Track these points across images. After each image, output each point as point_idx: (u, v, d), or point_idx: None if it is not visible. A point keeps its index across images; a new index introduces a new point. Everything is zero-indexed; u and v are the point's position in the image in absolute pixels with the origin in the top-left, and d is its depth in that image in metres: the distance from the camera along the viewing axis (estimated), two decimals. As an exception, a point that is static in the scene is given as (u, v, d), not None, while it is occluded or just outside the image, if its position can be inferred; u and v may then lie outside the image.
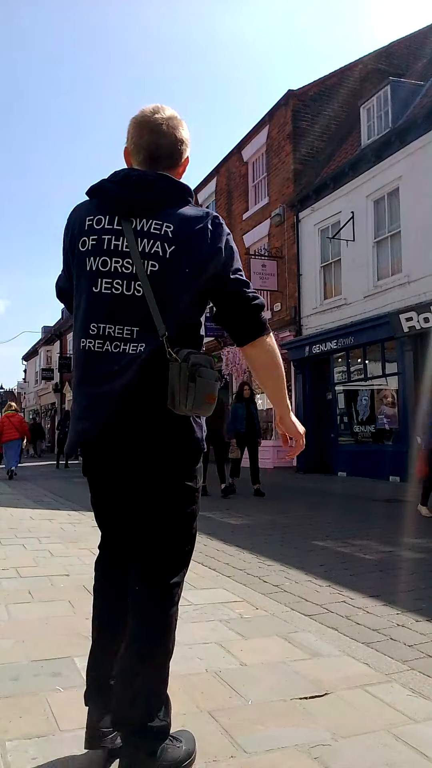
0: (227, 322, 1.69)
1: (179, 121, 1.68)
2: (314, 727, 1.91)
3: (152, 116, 1.65)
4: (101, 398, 1.57)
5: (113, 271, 1.57)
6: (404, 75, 15.19)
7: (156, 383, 1.53)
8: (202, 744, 1.79)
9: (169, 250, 1.55)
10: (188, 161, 1.72)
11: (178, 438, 1.60)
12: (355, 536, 5.66)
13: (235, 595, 3.50)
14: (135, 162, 1.69)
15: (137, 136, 1.66)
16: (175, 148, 1.67)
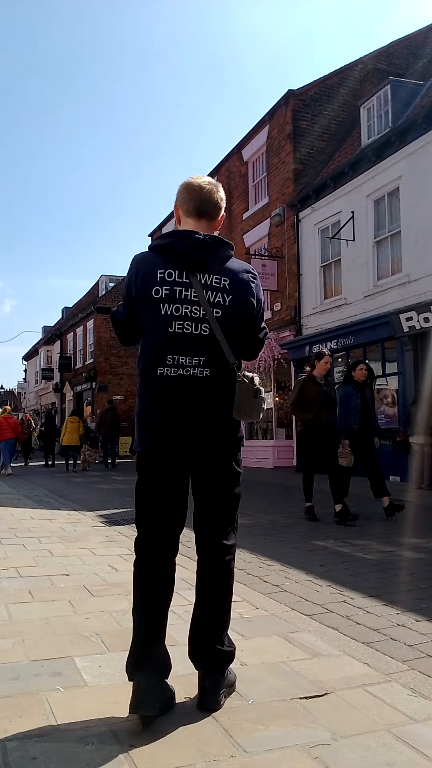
0: (243, 353, 2.19)
1: (217, 186, 2.18)
2: (314, 727, 1.91)
3: (200, 183, 2.16)
4: (174, 412, 2.06)
5: (185, 316, 2.02)
6: (404, 75, 15.19)
7: (221, 398, 2.05)
8: (202, 744, 1.79)
9: (228, 299, 2.06)
10: (224, 216, 2.25)
11: (232, 435, 2.13)
12: (355, 536, 5.66)
13: (235, 594, 3.48)
14: (184, 215, 2.18)
15: (188, 197, 2.15)
16: (216, 208, 2.18)
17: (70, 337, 34.31)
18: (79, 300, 39.82)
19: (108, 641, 2.62)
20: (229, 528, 2.18)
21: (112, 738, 1.83)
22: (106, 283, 31.88)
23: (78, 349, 32.41)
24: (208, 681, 2.04)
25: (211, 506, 2.14)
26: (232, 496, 2.16)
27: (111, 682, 2.25)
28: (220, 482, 2.13)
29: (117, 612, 3.04)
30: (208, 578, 2.17)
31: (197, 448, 2.07)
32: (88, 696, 2.13)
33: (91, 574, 3.99)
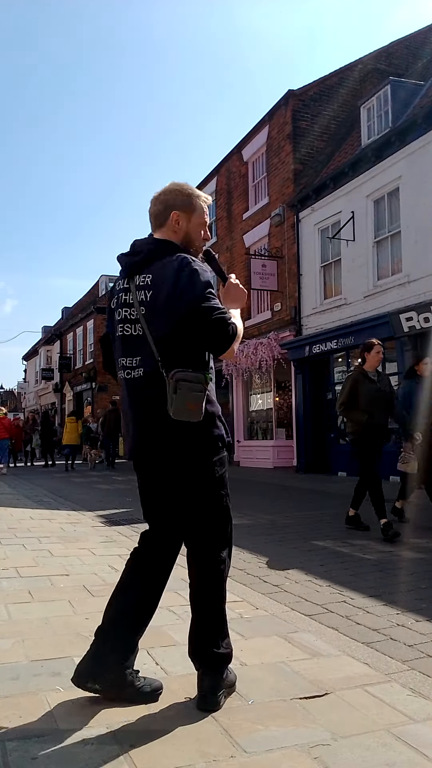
0: (205, 343, 2.07)
1: (169, 190, 2.21)
2: (314, 727, 1.91)
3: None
4: (128, 416, 2.16)
5: (125, 319, 2.12)
6: (404, 75, 15.19)
7: (156, 398, 2.02)
8: (202, 744, 1.79)
9: (149, 295, 2.06)
10: (177, 216, 2.18)
11: (184, 437, 2.03)
12: (355, 536, 5.66)
13: (235, 595, 3.50)
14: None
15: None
16: (155, 217, 2.22)
17: (70, 337, 34.31)
18: (79, 300, 39.83)
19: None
20: (213, 537, 2.21)
21: (112, 738, 1.83)
22: (106, 283, 31.87)
23: (78, 349, 32.43)
24: (207, 681, 2.07)
25: (191, 514, 2.18)
26: (209, 503, 2.17)
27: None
28: (191, 488, 2.13)
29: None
30: (194, 587, 2.21)
31: (145, 452, 2.12)
32: (88, 696, 2.13)
33: (90, 574, 3.99)
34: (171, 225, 2.19)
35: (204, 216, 2.25)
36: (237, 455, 18.19)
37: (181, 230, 2.19)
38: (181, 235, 2.19)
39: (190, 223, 2.21)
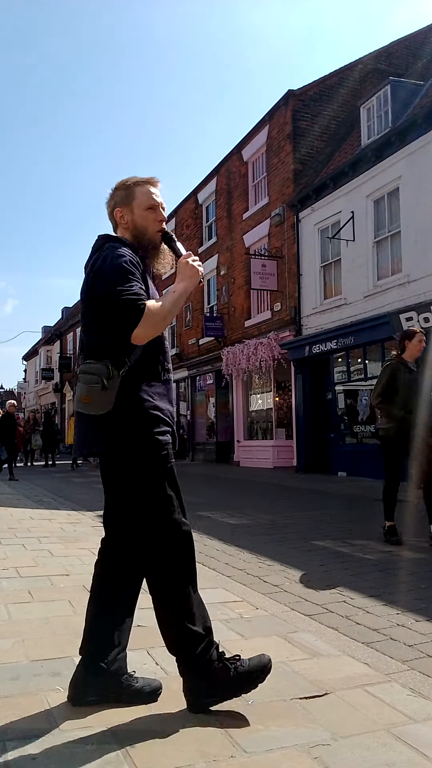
0: (117, 328, 1.93)
1: (112, 190, 2.18)
2: (314, 727, 1.91)
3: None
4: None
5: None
6: (404, 75, 15.19)
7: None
8: (202, 744, 1.79)
9: (82, 288, 2.10)
10: (120, 213, 2.14)
11: (113, 434, 1.97)
12: (355, 536, 5.65)
13: (235, 595, 3.50)
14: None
15: None
16: (110, 216, 2.19)
17: (70, 337, 34.31)
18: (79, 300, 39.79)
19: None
20: (147, 556, 2.06)
21: (112, 738, 1.83)
22: (106, 283, 31.83)
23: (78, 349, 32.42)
24: (186, 683, 2.04)
25: (117, 509, 2.12)
26: (137, 502, 2.03)
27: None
28: (115, 482, 2.08)
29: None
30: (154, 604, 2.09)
31: (79, 448, 2.11)
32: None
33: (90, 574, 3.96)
34: (120, 223, 2.16)
35: (149, 199, 2.13)
36: (237, 455, 18.20)
37: (128, 224, 2.14)
38: (131, 229, 2.13)
39: (134, 213, 2.13)
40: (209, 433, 20.67)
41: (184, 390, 22.64)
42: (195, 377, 21.52)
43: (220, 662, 2.01)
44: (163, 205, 2.18)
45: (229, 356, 17.81)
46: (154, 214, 2.13)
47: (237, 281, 18.47)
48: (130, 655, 2.06)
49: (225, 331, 19.08)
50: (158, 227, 2.13)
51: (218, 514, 7.32)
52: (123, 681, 2.05)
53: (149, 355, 2.04)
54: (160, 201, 2.16)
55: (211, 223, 21.11)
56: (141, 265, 2.04)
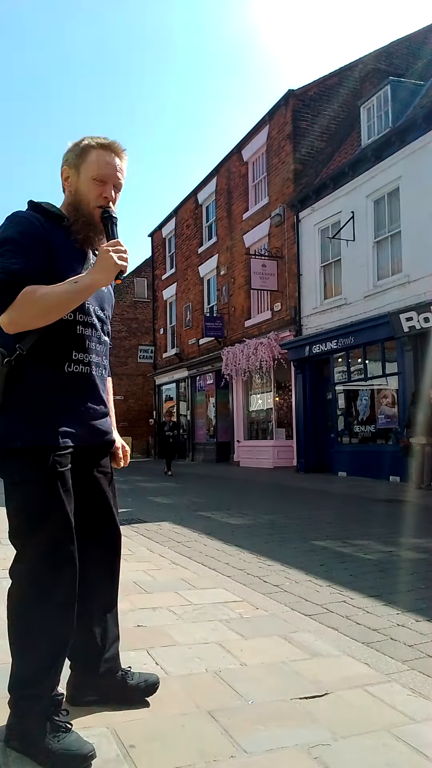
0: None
1: (71, 144, 1.91)
2: (314, 727, 1.91)
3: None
4: None
5: None
6: (404, 75, 15.19)
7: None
8: (202, 744, 1.79)
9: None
10: (66, 173, 1.89)
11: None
12: (355, 536, 5.66)
13: (235, 595, 3.50)
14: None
15: None
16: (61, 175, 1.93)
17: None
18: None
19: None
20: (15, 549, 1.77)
21: (112, 738, 1.83)
22: (106, 283, 31.84)
23: None
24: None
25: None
26: (8, 510, 1.76)
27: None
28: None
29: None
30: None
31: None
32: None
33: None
34: (63, 184, 1.91)
35: (100, 168, 1.84)
36: (237, 455, 18.20)
37: (71, 187, 1.87)
38: (73, 193, 1.87)
39: (80, 177, 1.86)
40: (209, 433, 20.68)
41: (184, 390, 22.66)
42: (195, 377, 21.53)
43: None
44: (117, 181, 1.88)
45: (229, 356, 17.81)
46: (101, 188, 1.85)
47: (237, 281, 18.48)
48: (130, 655, 2.06)
49: (225, 331, 19.08)
50: (100, 202, 1.85)
51: (218, 514, 7.32)
52: (118, 678, 2.00)
53: (51, 339, 1.75)
54: (114, 174, 1.87)
55: (211, 223, 21.11)
56: (55, 237, 1.77)
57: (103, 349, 1.92)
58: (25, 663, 1.72)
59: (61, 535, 1.72)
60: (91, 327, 1.85)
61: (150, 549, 4.88)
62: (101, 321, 1.91)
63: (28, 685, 1.72)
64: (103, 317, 1.93)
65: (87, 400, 1.84)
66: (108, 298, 2.00)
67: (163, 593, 3.49)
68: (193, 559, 4.57)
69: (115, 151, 1.87)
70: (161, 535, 5.68)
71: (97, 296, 1.89)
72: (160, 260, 25.66)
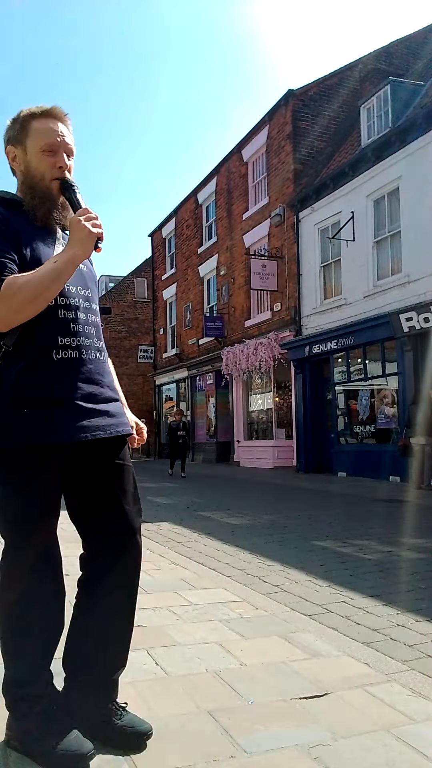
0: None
1: (9, 121, 1.78)
2: (314, 727, 1.91)
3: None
4: None
5: None
6: (404, 75, 15.20)
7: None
8: (202, 744, 1.79)
9: None
10: (12, 152, 1.77)
11: None
12: (355, 536, 5.65)
13: (235, 595, 3.50)
14: None
15: None
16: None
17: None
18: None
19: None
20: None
21: (112, 738, 1.83)
22: (106, 283, 31.90)
23: None
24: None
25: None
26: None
27: (111, 682, 2.24)
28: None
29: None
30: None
31: None
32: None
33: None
34: (11, 165, 1.78)
35: (47, 137, 1.72)
36: (237, 455, 18.20)
37: (20, 165, 1.76)
38: (24, 172, 1.75)
39: (27, 152, 1.73)
40: (209, 433, 20.68)
41: (184, 390, 22.66)
42: (195, 377, 21.53)
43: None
44: (67, 147, 1.76)
45: (229, 356, 17.81)
46: (53, 158, 1.72)
47: (237, 281, 18.48)
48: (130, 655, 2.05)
49: (225, 331, 19.09)
50: (56, 174, 1.72)
51: (218, 514, 7.32)
52: (105, 710, 1.79)
53: (34, 329, 1.65)
54: (62, 140, 1.74)
55: (211, 223, 21.11)
56: (17, 224, 1.68)
57: (93, 330, 1.78)
58: (15, 663, 1.70)
59: (34, 534, 1.68)
60: (75, 309, 1.73)
61: (150, 549, 4.87)
62: (87, 300, 1.79)
63: (24, 685, 1.71)
64: (89, 296, 1.80)
65: (82, 386, 1.71)
66: (89, 275, 1.85)
67: (163, 593, 3.49)
68: (193, 559, 4.57)
69: (57, 116, 1.75)
70: (161, 535, 5.68)
71: (78, 275, 1.75)
72: (160, 260, 25.66)
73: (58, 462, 1.69)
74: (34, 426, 1.62)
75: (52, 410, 1.65)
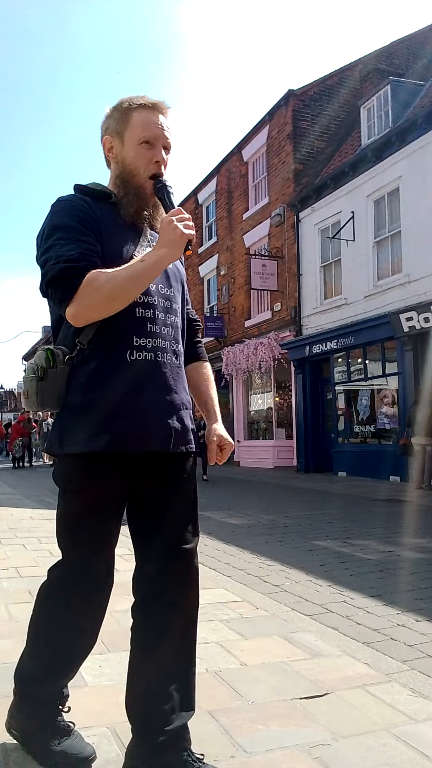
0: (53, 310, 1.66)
1: (110, 110, 1.70)
2: (314, 727, 1.91)
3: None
4: None
5: None
6: (404, 75, 15.18)
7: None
8: (202, 744, 1.79)
9: None
10: (109, 142, 1.69)
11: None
12: (356, 536, 5.65)
13: (235, 595, 3.50)
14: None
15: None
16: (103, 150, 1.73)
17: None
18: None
19: (108, 641, 2.62)
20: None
21: (112, 738, 1.83)
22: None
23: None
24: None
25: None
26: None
27: (111, 681, 2.25)
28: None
29: (117, 612, 3.03)
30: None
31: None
32: (89, 696, 2.13)
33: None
34: (107, 156, 1.70)
35: (146, 130, 1.62)
36: (237, 455, 18.20)
37: (117, 158, 1.67)
38: (120, 165, 1.66)
39: (125, 144, 1.64)
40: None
41: (184, 390, 22.63)
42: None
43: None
44: (167, 141, 1.66)
45: (229, 356, 17.81)
46: (151, 151, 1.63)
47: (237, 281, 18.47)
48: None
49: (225, 331, 19.08)
50: (152, 168, 1.63)
51: (219, 514, 7.32)
52: (182, 758, 1.62)
53: (109, 327, 1.55)
54: (162, 134, 1.65)
55: (211, 223, 21.11)
56: (103, 217, 1.60)
57: (172, 332, 1.66)
58: (36, 663, 1.68)
59: (86, 552, 1.63)
60: (153, 308, 1.62)
61: (150, 549, 4.87)
62: (168, 299, 1.67)
63: (36, 684, 1.68)
64: (170, 295, 1.69)
65: (154, 392, 1.60)
66: (174, 272, 1.73)
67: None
68: (193, 559, 4.56)
69: (160, 109, 1.65)
70: (161, 535, 5.67)
71: (162, 273, 1.65)
72: (160, 260, 25.62)
73: (121, 472, 1.59)
74: (99, 432, 1.53)
75: (119, 416, 1.54)
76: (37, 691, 1.69)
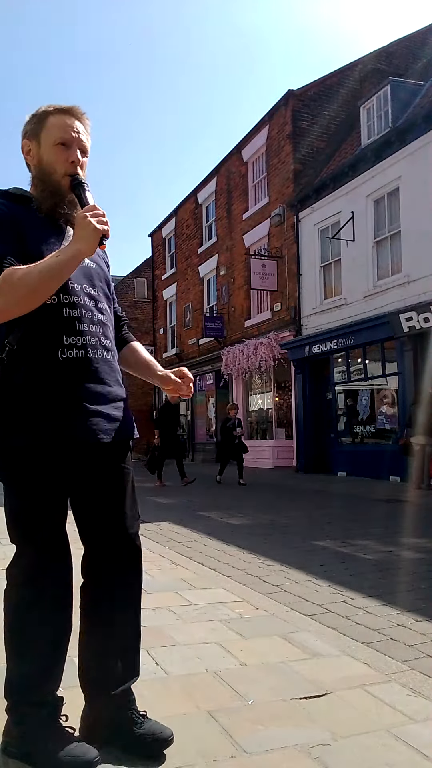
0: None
1: (27, 117, 1.80)
2: (314, 727, 1.91)
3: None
4: None
5: None
6: (404, 75, 15.19)
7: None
8: (202, 744, 1.79)
9: None
10: (27, 145, 1.78)
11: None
12: (355, 536, 5.65)
13: (235, 595, 3.50)
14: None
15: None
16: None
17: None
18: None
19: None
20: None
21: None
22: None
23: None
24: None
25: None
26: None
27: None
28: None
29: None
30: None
31: None
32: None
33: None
34: (26, 159, 1.79)
35: (61, 132, 1.72)
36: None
37: (34, 159, 1.77)
38: (37, 166, 1.76)
39: (42, 146, 1.74)
40: (209, 433, 20.67)
41: (184, 390, 22.63)
42: (195, 377, 21.37)
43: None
44: (81, 143, 1.76)
45: (229, 356, 17.81)
46: (67, 152, 1.72)
47: (237, 281, 18.48)
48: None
49: (225, 331, 19.08)
50: (68, 168, 1.72)
51: (218, 514, 7.32)
52: (126, 718, 1.76)
53: (39, 328, 1.65)
54: (77, 136, 1.75)
55: (211, 223, 21.11)
56: (24, 218, 1.67)
57: (100, 329, 1.76)
58: (22, 667, 1.67)
59: (39, 539, 1.68)
60: (81, 307, 1.72)
61: (150, 549, 4.87)
62: (92, 299, 1.76)
63: (29, 690, 1.67)
64: (95, 294, 1.78)
65: (87, 385, 1.70)
66: (98, 272, 1.83)
67: (162, 593, 3.49)
68: (193, 559, 4.57)
69: (75, 114, 1.76)
70: (161, 535, 5.67)
71: (84, 273, 1.75)
72: (160, 260, 25.65)
73: (63, 463, 1.68)
74: (39, 426, 1.62)
75: (58, 411, 1.64)
76: (36, 696, 1.67)
